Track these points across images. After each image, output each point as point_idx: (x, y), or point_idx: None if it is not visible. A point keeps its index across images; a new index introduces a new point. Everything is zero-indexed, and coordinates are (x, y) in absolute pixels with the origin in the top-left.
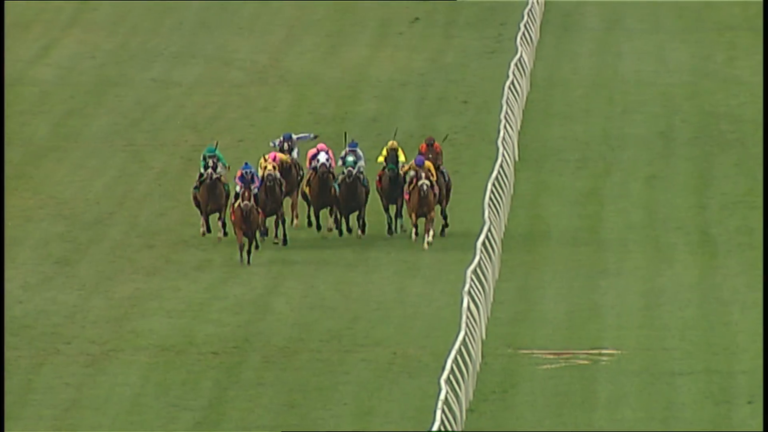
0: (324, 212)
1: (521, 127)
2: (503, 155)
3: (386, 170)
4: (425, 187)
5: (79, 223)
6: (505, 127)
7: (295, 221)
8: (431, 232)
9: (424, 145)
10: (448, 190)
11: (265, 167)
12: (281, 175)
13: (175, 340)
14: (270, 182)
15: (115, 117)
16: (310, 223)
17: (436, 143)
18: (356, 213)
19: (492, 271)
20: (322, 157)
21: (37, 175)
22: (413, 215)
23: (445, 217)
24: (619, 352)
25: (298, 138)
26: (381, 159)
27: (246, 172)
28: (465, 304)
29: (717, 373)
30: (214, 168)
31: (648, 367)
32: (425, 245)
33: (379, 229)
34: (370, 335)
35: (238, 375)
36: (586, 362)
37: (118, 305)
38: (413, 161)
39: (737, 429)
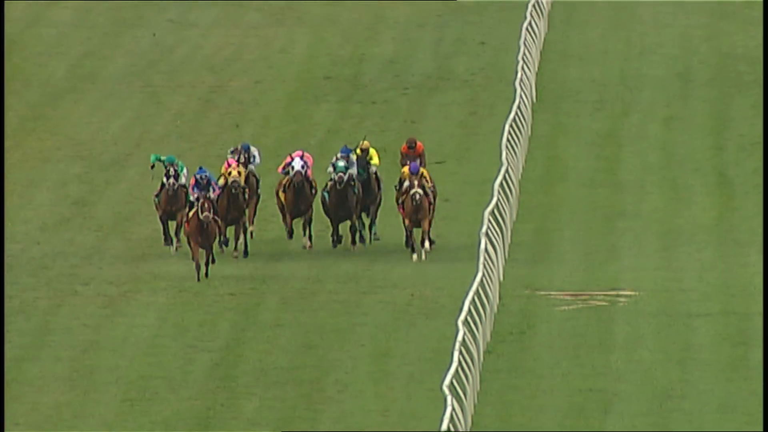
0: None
1: (539, 68)
2: (521, 96)
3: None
4: (417, 196)
5: (96, 164)
6: (522, 68)
7: (249, 228)
8: (427, 243)
9: (405, 147)
10: (432, 207)
11: (230, 173)
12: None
13: (192, 282)
14: (235, 189)
15: (132, 58)
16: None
17: (419, 143)
18: (347, 222)
19: (509, 213)
20: (297, 164)
21: (54, 117)
22: (407, 222)
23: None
24: (637, 293)
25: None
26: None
27: (201, 177)
28: (482, 246)
29: (734, 315)
30: (176, 176)
31: (665, 309)
32: (423, 256)
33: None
34: (387, 277)
35: (255, 316)
36: (603, 303)
37: (135, 246)
38: (408, 169)
39: (754, 370)
